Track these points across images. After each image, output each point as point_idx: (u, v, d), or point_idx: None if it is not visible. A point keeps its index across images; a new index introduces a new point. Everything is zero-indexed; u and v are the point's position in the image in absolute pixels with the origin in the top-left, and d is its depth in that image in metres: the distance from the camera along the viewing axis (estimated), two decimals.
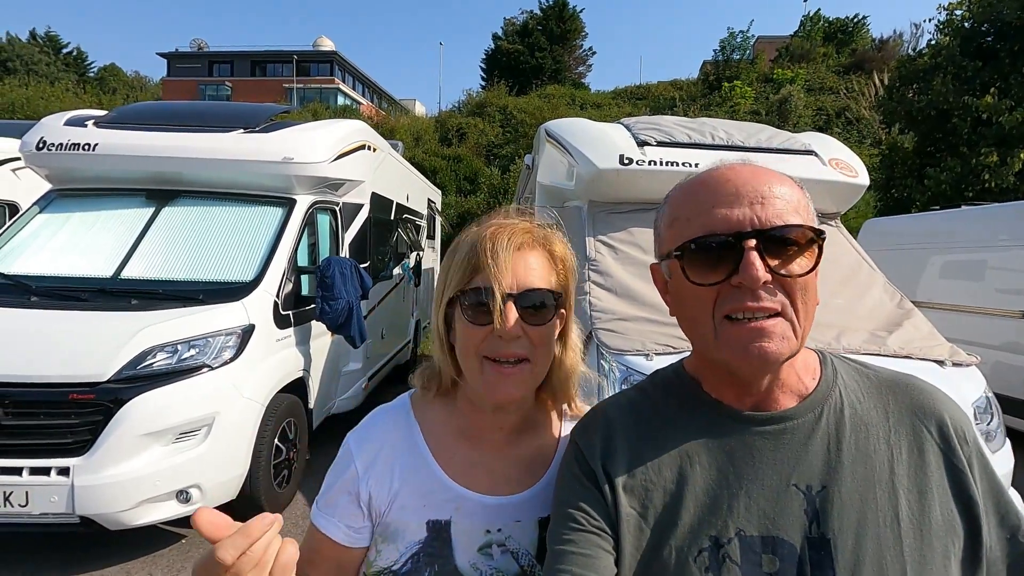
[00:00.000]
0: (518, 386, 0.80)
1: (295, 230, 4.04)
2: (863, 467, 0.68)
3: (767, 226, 0.65)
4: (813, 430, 0.70)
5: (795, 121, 18.47)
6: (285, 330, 3.79)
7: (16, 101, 17.99)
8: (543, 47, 28.52)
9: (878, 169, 12.67)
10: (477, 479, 0.85)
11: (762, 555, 0.66)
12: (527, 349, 0.79)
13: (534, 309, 0.78)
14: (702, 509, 0.69)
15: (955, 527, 0.67)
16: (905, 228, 7.12)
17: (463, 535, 0.83)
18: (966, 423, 0.72)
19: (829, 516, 0.66)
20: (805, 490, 0.68)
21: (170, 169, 4.05)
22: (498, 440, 0.88)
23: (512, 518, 0.84)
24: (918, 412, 0.72)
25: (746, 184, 0.68)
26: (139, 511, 2.88)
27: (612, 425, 0.78)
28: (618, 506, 0.72)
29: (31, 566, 3.02)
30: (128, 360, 2.98)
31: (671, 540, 0.69)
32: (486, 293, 0.77)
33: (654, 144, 3.67)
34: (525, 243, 0.80)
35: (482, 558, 0.82)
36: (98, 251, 3.75)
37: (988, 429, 2.58)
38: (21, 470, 2.76)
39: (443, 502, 0.84)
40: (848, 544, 0.65)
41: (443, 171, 15.77)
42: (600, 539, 0.70)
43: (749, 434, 0.71)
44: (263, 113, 4.68)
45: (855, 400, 0.73)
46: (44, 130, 4.14)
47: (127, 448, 2.86)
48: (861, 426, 0.71)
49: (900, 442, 0.70)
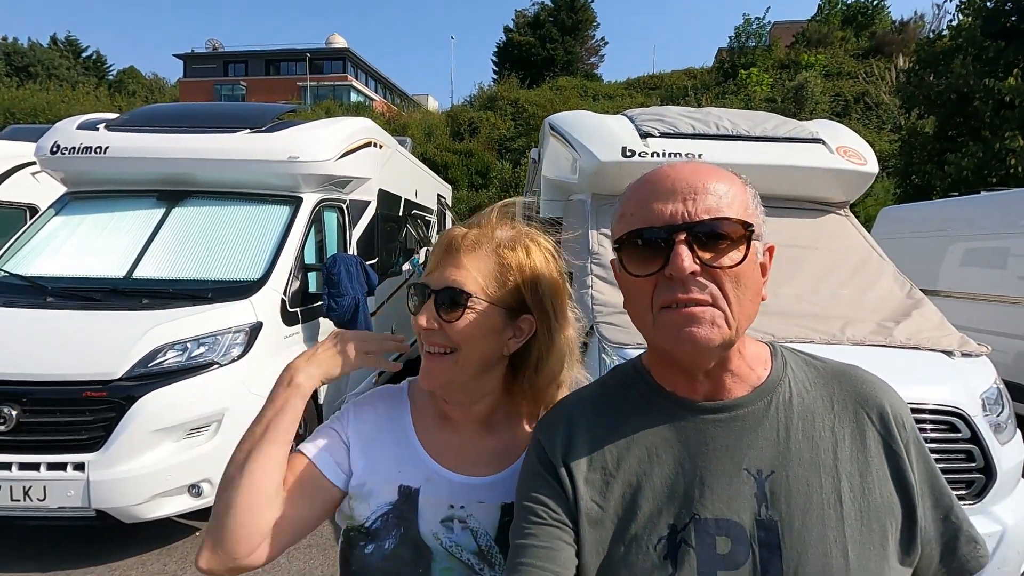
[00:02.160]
0: (441, 373, 0.87)
1: (302, 228, 4.09)
2: (809, 452, 0.72)
3: (696, 220, 0.68)
4: (763, 418, 0.73)
5: (812, 108, 18.12)
6: (293, 327, 3.85)
7: (38, 105, 18.43)
8: (555, 38, 28.34)
9: (897, 155, 12.40)
10: (448, 457, 0.92)
11: (716, 537, 0.69)
12: (447, 341, 0.85)
13: (446, 306, 0.84)
14: (660, 498, 0.72)
15: (893, 509, 0.71)
16: (922, 216, 6.96)
17: (429, 505, 0.89)
18: (904, 411, 0.76)
19: (778, 499, 0.69)
20: (756, 474, 0.71)
21: (179, 170, 4.13)
22: (473, 428, 0.94)
23: (475, 498, 0.89)
24: (860, 401, 0.76)
25: (682, 180, 0.71)
26: (152, 505, 2.96)
27: (573, 420, 0.80)
28: (578, 499, 0.74)
29: (51, 558, 3.12)
30: (139, 358, 3.05)
31: (631, 530, 0.71)
32: (420, 287, 0.88)
33: (657, 135, 3.64)
34: (467, 247, 0.86)
35: (443, 529, 0.88)
36: (111, 252, 3.84)
37: (998, 420, 2.53)
38: (39, 465, 2.85)
39: (415, 471, 0.91)
40: (795, 525, 0.68)
41: (455, 166, 15.82)
42: (561, 532, 0.72)
43: (703, 423, 0.74)
44: (269, 113, 4.73)
45: (803, 389, 0.76)
46: (58, 134, 4.24)
47: (140, 444, 2.93)
48: (808, 414, 0.74)
49: (844, 429, 0.73)
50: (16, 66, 25.74)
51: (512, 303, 0.87)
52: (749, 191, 0.74)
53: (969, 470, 2.34)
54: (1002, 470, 2.36)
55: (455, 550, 0.88)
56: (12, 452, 2.87)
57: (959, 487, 2.33)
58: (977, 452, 2.35)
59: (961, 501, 2.28)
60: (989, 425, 2.44)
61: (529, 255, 0.88)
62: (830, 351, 2.61)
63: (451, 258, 0.86)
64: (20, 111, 18.15)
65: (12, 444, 2.88)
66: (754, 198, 0.74)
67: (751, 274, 0.70)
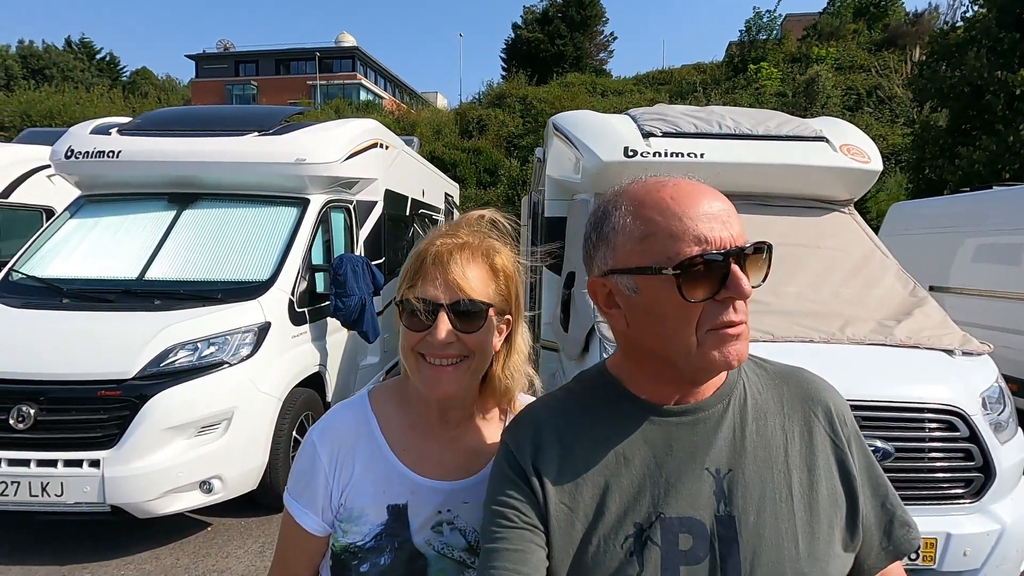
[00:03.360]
0: (455, 382, 0.88)
1: (309, 229, 4.15)
2: (763, 451, 0.76)
3: (742, 244, 0.70)
4: (722, 419, 0.77)
5: (823, 102, 17.90)
6: (300, 327, 3.92)
7: (53, 107, 18.72)
8: (563, 34, 28.22)
9: (910, 149, 12.24)
10: (429, 467, 0.94)
11: (679, 534, 0.72)
12: (462, 350, 0.86)
13: (467, 317, 0.85)
14: (627, 499, 0.74)
15: (838, 500, 0.76)
16: (933, 211, 6.89)
17: (418, 516, 0.91)
18: (845, 408, 0.83)
19: (735, 496, 0.73)
20: (715, 473, 0.74)
21: (189, 173, 4.21)
22: (447, 433, 0.96)
23: (460, 500, 0.93)
24: (807, 400, 0.81)
25: (710, 203, 0.72)
26: (165, 500, 3.04)
27: (541, 424, 0.82)
28: (548, 502, 0.75)
29: (67, 552, 3.22)
30: (151, 358, 3.14)
31: (599, 530, 0.73)
32: (422, 302, 0.85)
33: (659, 135, 3.65)
34: (464, 256, 0.87)
35: (434, 535, 0.91)
36: (124, 254, 3.93)
37: (999, 419, 2.52)
38: (56, 462, 2.94)
39: (400, 488, 0.92)
40: (750, 520, 0.72)
41: (463, 164, 15.86)
42: (532, 535, 0.74)
43: (668, 425, 0.77)
44: (277, 115, 4.80)
45: (756, 391, 0.81)
46: (71, 139, 4.33)
47: (152, 441, 3.02)
48: (761, 414, 0.79)
49: (793, 427, 0.79)
50: (32, 68, 26.16)
51: (501, 304, 0.90)
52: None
53: (968, 469, 2.35)
54: (1001, 469, 2.36)
55: (447, 551, 0.91)
56: (30, 449, 2.96)
57: (958, 486, 2.34)
58: (976, 451, 2.35)
59: (960, 500, 2.32)
60: (989, 424, 2.44)
61: (506, 258, 0.92)
62: (829, 350, 2.64)
63: (445, 270, 0.85)
64: (36, 113, 18.45)
65: (30, 441, 2.97)
66: None
67: None
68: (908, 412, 2.33)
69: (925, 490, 2.32)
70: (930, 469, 2.33)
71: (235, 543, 3.36)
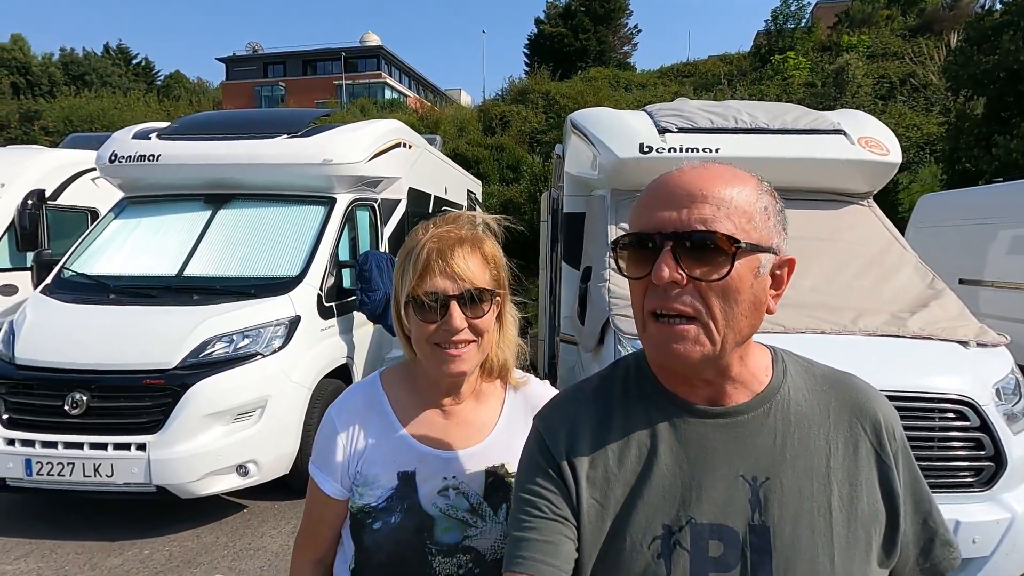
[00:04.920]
0: (468, 362, 0.99)
1: (336, 227, 4.33)
2: (803, 460, 0.73)
3: (685, 230, 0.67)
4: (762, 424, 0.75)
5: (853, 91, 17.46)
6: (328, 320, 4.10)
7: (93, 113, 19.45)
8: (587, 28, 28.03)
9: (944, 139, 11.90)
10: (435, 439, 1.05)
11: (709, 541, 0.70)
12: (471, 336, 0.97)
13: (474, 304, 0.97)
14: (658, 499, 0.73)
15: (879, 516, 0.73)
16: (964, 203, 6.72)
17: (425, 482, 1.03)
18: (896, 421, 0.79)
19: (771, 505, 0.71)
20: (751, 481, 0.72)
21: (224, 175, 4.42)
22: (451, 407, 1.08)
23: (464, 467, 1.04)
24: (855, 410, 0.77)
25: (685, 186, 0.70)
26: (205, 482, 3.25)
27: (575, 415, 0.81)
28: (580, 496, 0.75)
29: (116, 529, 3.46)
30: (191, 349, 3.35)
31: (628, 529, 0.72)
32: (433, 297, 0.95)
33: (675, 131, 3.71)
34: (462, 248, 0.97)
35: (440, 498, 1.03)
36: (164, 252, 4.17)
37: (1014, 410, 2.53)
38: (107, 445, 3.18)
39: (408, 457, 1.04)
40: (786, 531, 0.70)
41: (486, 161, 15.96)
42: (563, 527, 0.73)
43: (703, 427, 0.75)
44: (305, 117, 5.00)
45: (801, 397, 0.77)
46: (115, 144, 4.59)
47: (193, 427, 3.23)
48: (804, 422, 0.75)
49: (838, 438, 0.75)
50: (73, 75, 27.22)
51: (494, 286, 1.01)
52: (762, 199, 0.71)
53: (978, 458, 2.37)
54: (1013, 459, 2.38)
55: (451, 511, 1.03)
56: (84, 433, 3.21)
57: (968, 475, 2.37)
58: (987, 441, 2.37)
59: (970, 489, 2.35)
60: (1003, 414, 2.46)
61: (492, 246, 1.04)
62: (841, 341, 2.68)
63: (450, 264, 0.95)
64: (77, 118, 19.21)
65: (83, 426, 3.22)
66: (766, 208, 0.71)
67: (744, 289, 0.69)
68: (918, 402, 2.37)
69: (934, 478, 2.35)
70: (940, 458, 2.37)
71: (269, 524, 3.56)
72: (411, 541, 1.01)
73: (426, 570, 1.01)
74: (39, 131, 19.46)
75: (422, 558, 1.01)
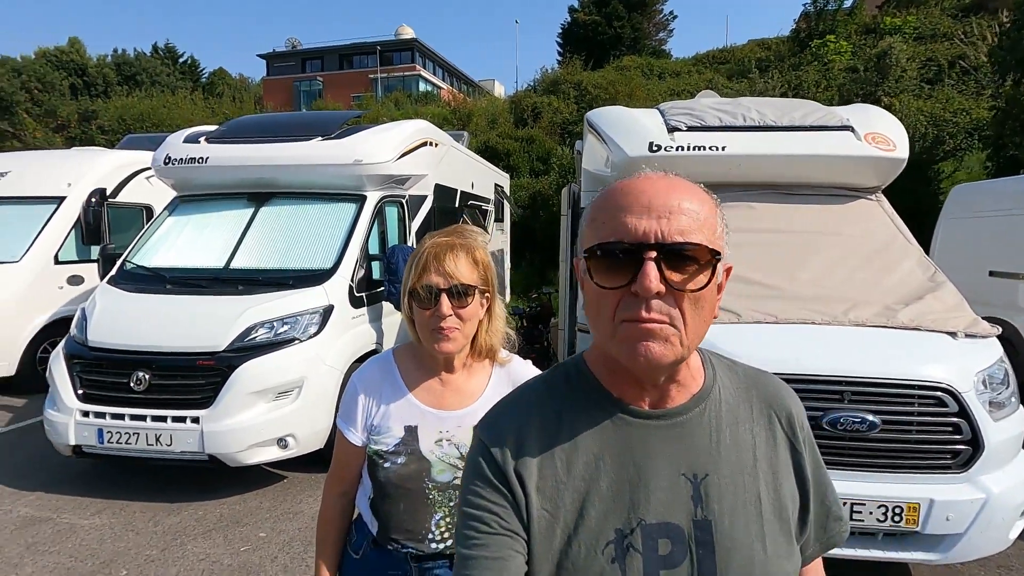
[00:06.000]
0: (454, 343, 1.27)
1: (366, 223, 4.66)
2: (735, 455, 0.77)
3: (668, 241, 0.68)
4: (699, 424, 0.78)
5: (897, 76, 16.84)
6: (359, 309, 4.45)
7: (144, 112, 20.49)
8: (621, 15, 27.70)
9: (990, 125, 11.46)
10: (434, 401, 1.33)
11: (658, 540, 0.72)
12: (457, 322, 1.25)
13: (459, 296, 1.24)
14: (608, 504, 0.74)
15: (795, 499, 0.80)
16: (999, 193, 6.55)
17: (426, 433, 1.31)
18: (803, 414, 0.86)
19: (711, 500, 0.74)
20: (692, 478, 0.75)
21: (265, 175, 4.82)
22: (447, 377, 1.35)
23: (455, 424, 1.32)
24: (772, 404, 0.83)
25: (658, 197, 0.70)
26: (250, 453, 3.65)
27: (521, 423, 0.80)
28: (530, 508, 0.74)
29: (174, 492, 3.91)
30: (238, 334, 3.75)
31: (581, 536, 0.73)
32: (427, 289, 1.23)
33: (684, 129, 3.85)
34: (453, 253, 1.25)
35: (436, 447, 1.31)
36: (213, 246, 4.59)
37: (1000, 399, 2.64)
38: (166, 418, 3.61)
39: (413, 415, 1.32)
40: (725, 524, 0.74)
41: (516, 153, 16.13)
42: (512, 541, 0.73)
43: (647, 429, 0.77)
44: (338, 120, 5.36)
45: (729, 396, 0.82)
46: (169, 148, 5.04)
47: (239, 403, 3.62)
48: (733, 419, 0.80)
49: (760, 431, 0.81)
50: (125, 75, 28.62)
51: (481, 284, 1.28)
52: (719, 212, 0.75)
53: (955, 442, 2.51)
54: (992, 443, 2.50)
55: (445, 458, 1.31)
56: (146, 407, 3.64)
57: (944, 457, 2.51)
58: (965, 426, 2.51)
59: (947, 471, 2.50)
60: (985, 402, 2.58)
61: (483, 253, 1.30)
62: (828, 331, 2.84)
63: (442, 264, 1.22)
64: (130, 117, 20.26)
65: (146, 401, 3.66)
66: (722, 220, 0.75)
67: (710, 297, 0.71)
68: (896, 388, 2.52)
69: (911, 459, 2.52)
70: (916, 441, 2.52)
71: (307, 492, 3.95)
72: (414, 478, 1.29)
73: (425, 502, 1.30)
74: (96, 130, 20.68)
75: (422, 492, 1.30)
